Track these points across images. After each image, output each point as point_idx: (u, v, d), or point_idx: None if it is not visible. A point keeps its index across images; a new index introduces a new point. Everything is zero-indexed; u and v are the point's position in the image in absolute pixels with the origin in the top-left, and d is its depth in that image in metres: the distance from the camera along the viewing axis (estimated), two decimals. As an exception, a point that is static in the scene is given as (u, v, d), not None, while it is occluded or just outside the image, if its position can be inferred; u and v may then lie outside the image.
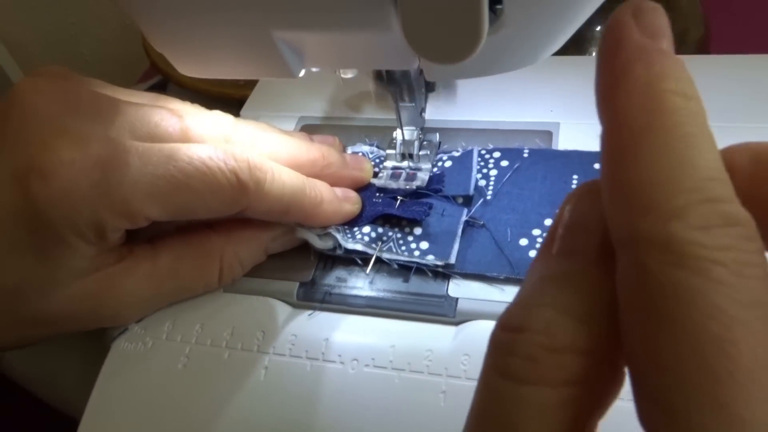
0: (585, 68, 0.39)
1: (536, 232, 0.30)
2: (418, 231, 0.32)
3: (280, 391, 0.28)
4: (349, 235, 0.32)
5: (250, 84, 0.52)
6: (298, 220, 0.31)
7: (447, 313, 0.29)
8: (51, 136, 0.24)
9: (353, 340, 0.29)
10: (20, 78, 0.89)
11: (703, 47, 0.52)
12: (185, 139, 0.28)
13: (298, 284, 0.31)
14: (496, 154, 0.34)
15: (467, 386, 0.27)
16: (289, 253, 0.33)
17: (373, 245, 0.31)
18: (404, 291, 0.30)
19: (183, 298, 0.32)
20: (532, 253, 0.29)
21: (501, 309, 0.28)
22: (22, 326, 0.28)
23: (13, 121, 0.25)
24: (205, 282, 0.31)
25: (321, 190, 0.31)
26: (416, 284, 0.30)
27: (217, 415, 0.28)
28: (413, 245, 0.31)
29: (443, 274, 0.30)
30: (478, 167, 0.34)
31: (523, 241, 0.30)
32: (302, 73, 0.25)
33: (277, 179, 0.28)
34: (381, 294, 0.31)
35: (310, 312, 0.31)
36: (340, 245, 0.31)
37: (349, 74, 0.30)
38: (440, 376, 0.27)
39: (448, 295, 0.30)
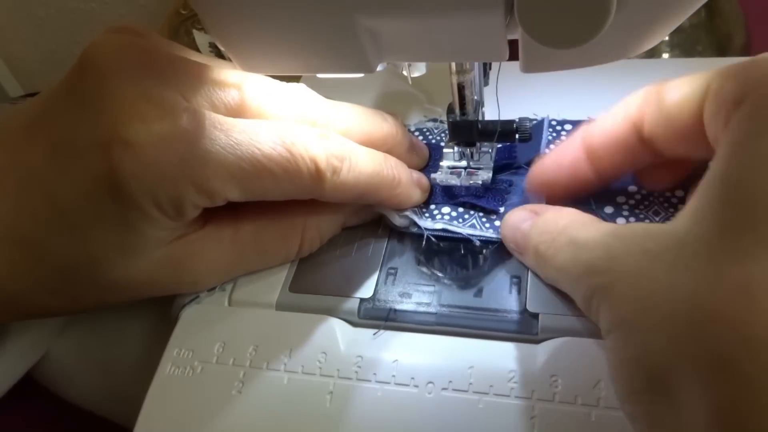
0: (655, 71, 0.37)
1: (620, 199, 0.30)
2: (501, 210, 0.30)
3: (348, 418, 0.26)
4: (427, 215, 0.31)
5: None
6: (371, 203, 0.30)
7: (529, 330, 0.27)
8: (135, 102, 0.23)
9: (426, 361, 0.27)
10: (20, 94, 0.87)
11: (745, 52, 0.51)
12: (249, 108, 0.27)
13: (359, 300, 0.29)
14: (568, 127, 0.34)
15: (561, 410, 0.24)
16: (348, 265, 0.30)
17: (455, 223, 0.30)
18: (477, 306, 0.28)
19: (261, 268, 0.31)
20: (620, 220, 0.29)
21: (585, 325, 0.26)
22: (102, 291, 0.27)
23: (91, 83, 0.24)
24: (285, 253, 0.30)
25: (399, 171, 0.30)
26: (489, 299, 0.28)
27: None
28: (497, 223, 0.30)
29: (519, 286, 0.28)
30: (551, 138, 0.33)
31: (608, 209, 0.29)
32: (380, 67, 0.23)
33: (354, 167, 0.27)
34: (451, 311, 0.28)
35: (375, 331, 0.28)
36: (417, 225, 0.30)
37: (416, 72, 0.28)
38: (529, 399, 0.25)
39: (527, 310, 0.27)
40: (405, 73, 0.28)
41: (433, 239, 0.30)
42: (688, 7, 0.20)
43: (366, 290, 0.29)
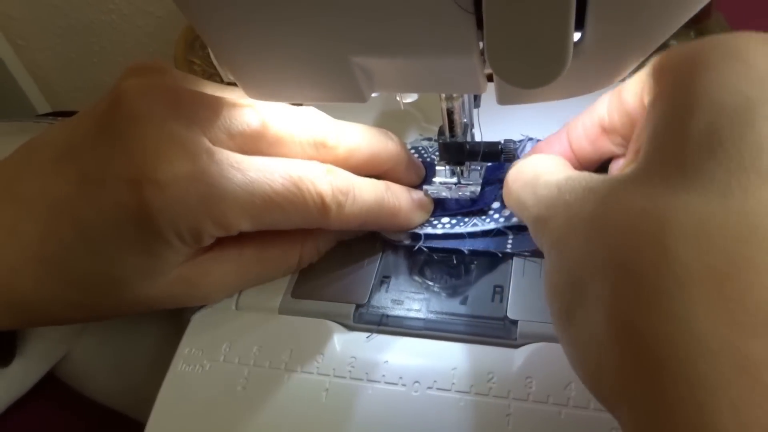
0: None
1: None
2: (496, 205, 0.33)
3: (342, 413, 0.28)
4: (428, 227, 0.33)
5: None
6: (374, 230, 0.33)
7: (509, 335, 0.29)
8: (162, 144, 0.26)
9: (413, 362, 0.29)
10: (40, 102, 0.90)
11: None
12: (264, 132, 0.29)
13: (354, 306, 0.32)
14: None
15: (534, 409, 0.27)
16: (345, 274, 0.33)
17: (457, 228, 0.33)
18: (462, 313, 0.30)
19: (265, 282, 0.33)
20: None
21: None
22: (123, 307, 0.30)
23: (122, 124, 0.26)
24: (286, 267, 0.33)
25: (400, 200, 0.32)
26: (474, 306, 0.31)
27: (278, 439, 0.28)
28: (496, 215, 0.32)
29: (501, 295, 0.30)
30: None
31: None
32: (372, 95, 0.26)
33: (357, 200, 0.30)
34: (438, 317, 0.31)
35: (368, 334, 0.31)
36: (410, 237, 0.33)
37: (408, 99, 0.30)
38: (505, 398, 0.27)
39: (507, 317, 0.30)
40: (398, 99, 0.30)
41: (424, 249, 0.33)
42: (647, 48, 0.22)
43: (361, 297, 0.32)
